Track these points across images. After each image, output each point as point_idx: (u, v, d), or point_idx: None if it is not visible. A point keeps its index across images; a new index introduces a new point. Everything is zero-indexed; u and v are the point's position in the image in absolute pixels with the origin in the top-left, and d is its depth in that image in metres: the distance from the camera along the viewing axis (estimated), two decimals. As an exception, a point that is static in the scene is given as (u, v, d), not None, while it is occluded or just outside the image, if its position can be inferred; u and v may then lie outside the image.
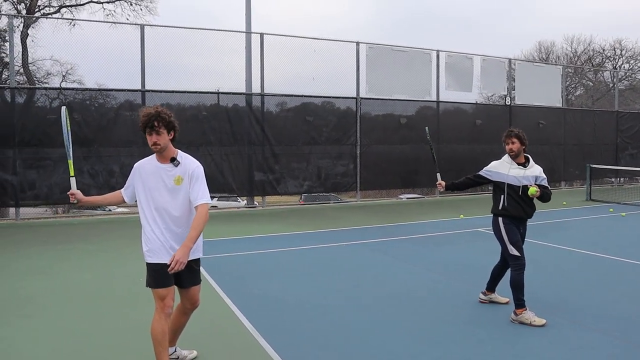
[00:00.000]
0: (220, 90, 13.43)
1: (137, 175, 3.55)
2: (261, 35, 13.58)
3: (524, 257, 4.77)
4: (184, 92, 12.87)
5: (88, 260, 7.49)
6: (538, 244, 8.25)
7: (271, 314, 4.98)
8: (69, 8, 24.57)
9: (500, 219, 4.90)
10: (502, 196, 4.89)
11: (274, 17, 77.47)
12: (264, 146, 13.65)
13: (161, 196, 3.46)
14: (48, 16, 22.48)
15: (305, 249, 8.26)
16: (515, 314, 4.68)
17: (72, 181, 3.72)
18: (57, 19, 18.29)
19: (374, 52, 14.99)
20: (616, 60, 40.61)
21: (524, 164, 4.92)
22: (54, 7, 24.40)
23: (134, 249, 7.49)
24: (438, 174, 5.48)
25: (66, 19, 18.96)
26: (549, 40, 59.56)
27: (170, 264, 3.19)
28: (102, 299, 5.51)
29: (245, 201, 15.37)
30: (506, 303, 5.15)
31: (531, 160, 4.98)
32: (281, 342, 4.23)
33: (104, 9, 24.96)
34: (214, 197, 21.81)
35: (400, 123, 15.52)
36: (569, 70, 33.14)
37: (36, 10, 23.11)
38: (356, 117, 14.80)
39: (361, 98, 14.83)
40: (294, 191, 15.01)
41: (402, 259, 7.52)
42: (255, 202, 14.97)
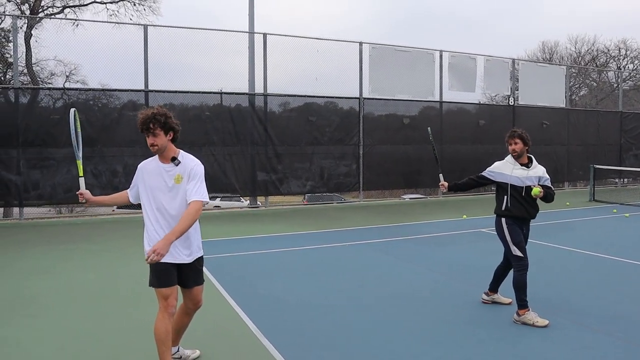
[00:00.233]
0: (223, 90, 13.44)
1: (141, 175, 3.59)
2: (264, 35, 13.60)
3: (527, 257, 4.76)
4: (187, 92, 12.89)
5: (91, 260, 7.52)
6: (541, 245, 8.24)
7: (274, 313, 4.99)
8: (72, 8, 24.60)
9: (503, 220, 4.90)
10: (505, 197, 4.88)
11: (274, 17, 77.54)
12: (267, 146, 13.66)
13: (162, 195, 3.49)
14: (51, 17, 22.54)
15: (308, 249, 8.27)
16: (518, 314, 4.68)
17: (81, 181, 3.79)
18: (60, 19, 18.32)
19: (377, 52, 14.98)
20: (620, 61, 40.49)
21: (527, 165, 4.91)
22: (58, 7, 24.45)
23: (137, 248, 7.49)
24: (441, 175, 5.48)
25: (69, 19, 18.97)
26: (552, 40, 59.48)
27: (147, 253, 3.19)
28: (106, 299, 5.53)
29: (248, 201, 15.38)
30: (509, 304, 5.15)
31: (534, 160, 4.97)
32: (284, 342, 4.24)
33: (107, 9, 24.98)
34: (217, 197, 21.83)
35: (403, 123, 15.51)
36: (573, 71, 32.99)
37: (39, 10, 23.14)
38: (359, 117, 14.80)
39: (364, 98, 14.82)
40: (296, 191, 15.02)
41: (405, 259, 7.52)
42: (258, 202, 14.99)
